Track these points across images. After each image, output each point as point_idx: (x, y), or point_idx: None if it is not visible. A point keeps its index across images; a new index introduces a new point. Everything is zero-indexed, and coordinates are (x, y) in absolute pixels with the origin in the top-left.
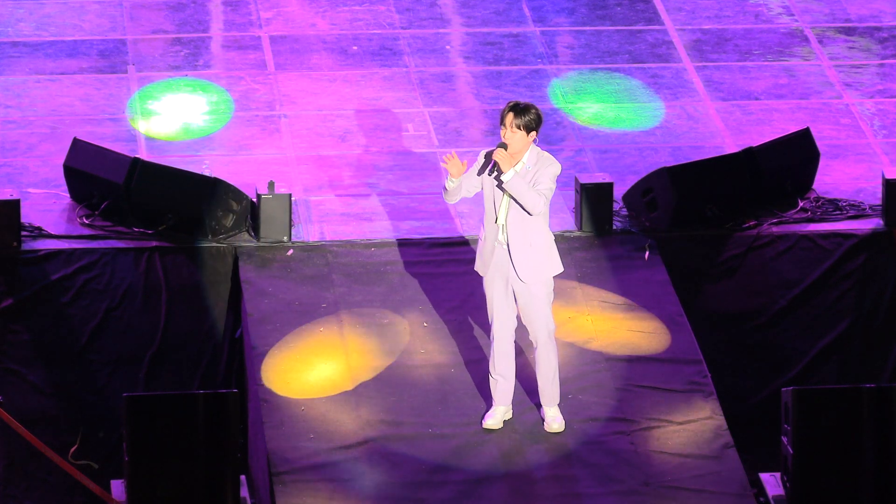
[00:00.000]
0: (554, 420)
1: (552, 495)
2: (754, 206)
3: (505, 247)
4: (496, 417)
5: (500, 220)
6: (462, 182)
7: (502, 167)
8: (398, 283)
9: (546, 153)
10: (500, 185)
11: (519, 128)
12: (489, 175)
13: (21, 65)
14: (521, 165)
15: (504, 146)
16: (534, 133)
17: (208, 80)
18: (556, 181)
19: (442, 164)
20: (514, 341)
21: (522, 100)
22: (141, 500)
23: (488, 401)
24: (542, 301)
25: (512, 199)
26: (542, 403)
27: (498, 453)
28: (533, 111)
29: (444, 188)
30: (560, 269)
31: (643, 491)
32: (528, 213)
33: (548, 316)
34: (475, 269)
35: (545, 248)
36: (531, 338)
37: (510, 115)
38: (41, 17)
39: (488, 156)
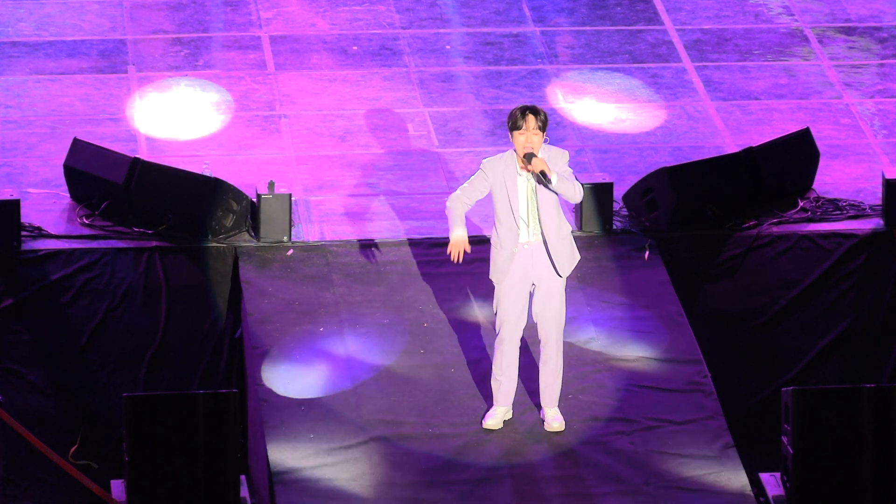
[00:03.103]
0: (554, 420)
1: (552, 495)
2: (754, 206)
3: (535, 246)
4: (496, 418)
5: (533, 223)
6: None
7: (548, 173)
8: (398, 283)
9: (550, 145)
10: (548, 188)
11: (540, 129)
12: (543, 185)
13: (21, 65)
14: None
15: (533, 155)
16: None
17: (208, 80)
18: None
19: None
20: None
21: (526, 102)
22: (141, 500)
23: (488, 401)
24: (562, 294)
25: (539, 198)
26: (542, 404)
27: (498, 453)
28: (542, 111)
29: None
30: (579, 256)
31: (643, 491)
32: (573, 202)
33: (564, 309)
34: (490, 277)
35: (571, 237)
36: (541, 335)
37: (531, 118)
38: (41, 17)
39: (523, 160)
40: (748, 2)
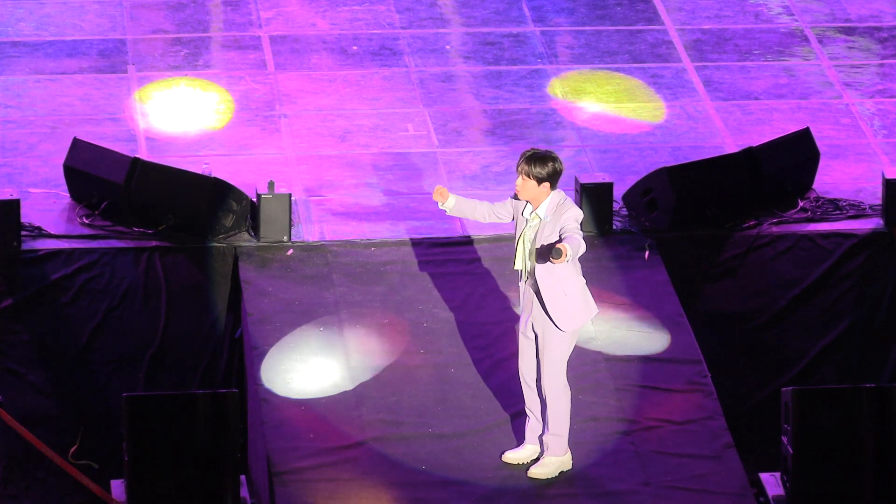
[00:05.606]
0: (539, 465)
1: (552, 495)
2: (754, 206)
3: (532, 292)
4: (519, 453)
5: (519, 265)
6: (466, 210)
7: (563, 255)
8: (398, 283)
9: (566, 200)
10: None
11: (529, 176)
12: (549, 261)
13: (21, 65)
14: (537, 220)
15: (562, 253)
16: (547, 184)
17: (208, 80)
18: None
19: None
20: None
21: (542, 149)
22: (141, 500)
23: (489, 401)
24: (557, 345)
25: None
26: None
27: (497, 453)
28: (549, 164)
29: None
30: (595, 311)
31: (643, 491)
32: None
33: (558, 360)
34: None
35: (580, 294)
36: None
37: (522, 164)
38: (41, 17)
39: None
40: (748, 2)
